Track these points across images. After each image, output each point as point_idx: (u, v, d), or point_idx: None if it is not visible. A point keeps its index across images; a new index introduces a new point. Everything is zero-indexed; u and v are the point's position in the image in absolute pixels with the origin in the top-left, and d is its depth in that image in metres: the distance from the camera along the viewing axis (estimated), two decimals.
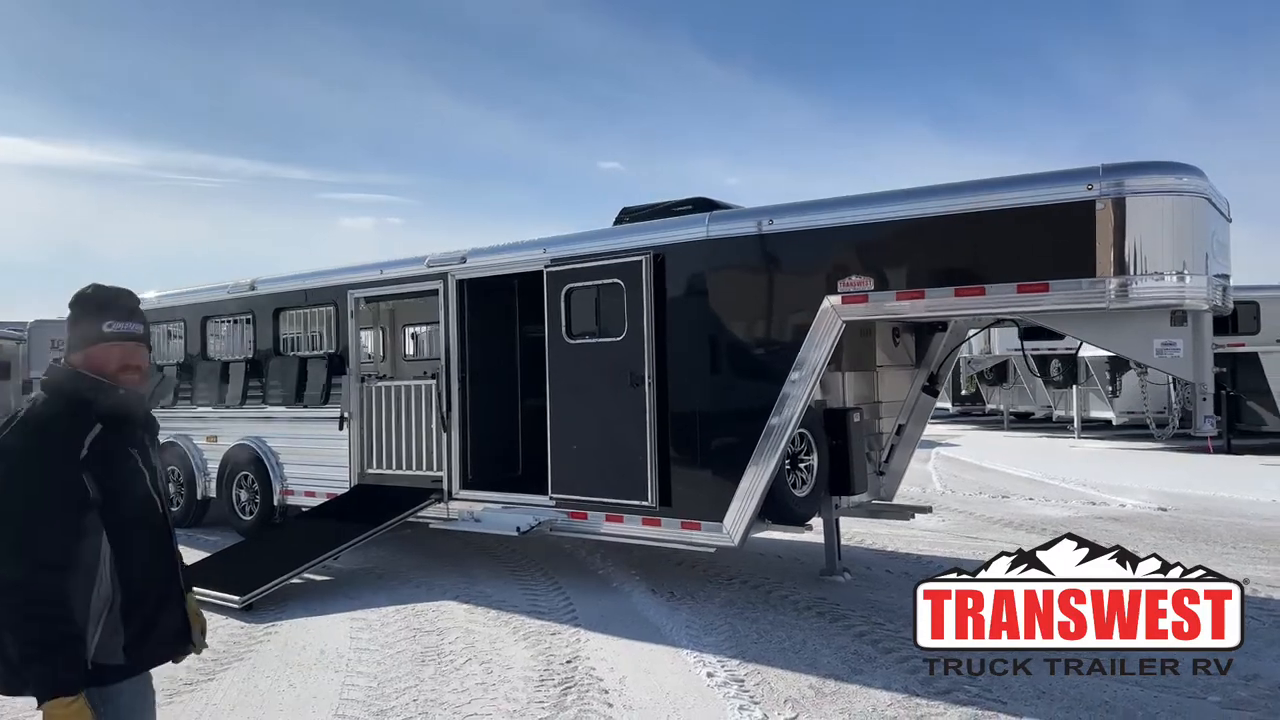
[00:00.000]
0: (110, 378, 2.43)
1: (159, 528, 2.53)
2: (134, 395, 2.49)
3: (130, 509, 2.42)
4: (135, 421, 2.51)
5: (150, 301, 11.29)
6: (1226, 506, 10.67)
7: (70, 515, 2.29)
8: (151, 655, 2.50)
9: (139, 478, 2.47)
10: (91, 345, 2.44)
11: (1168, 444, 17.58)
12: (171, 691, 5.04)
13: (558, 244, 7.34)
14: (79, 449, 2.31)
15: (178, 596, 2.58)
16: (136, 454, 2.47)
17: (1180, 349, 5.61)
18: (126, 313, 2.50)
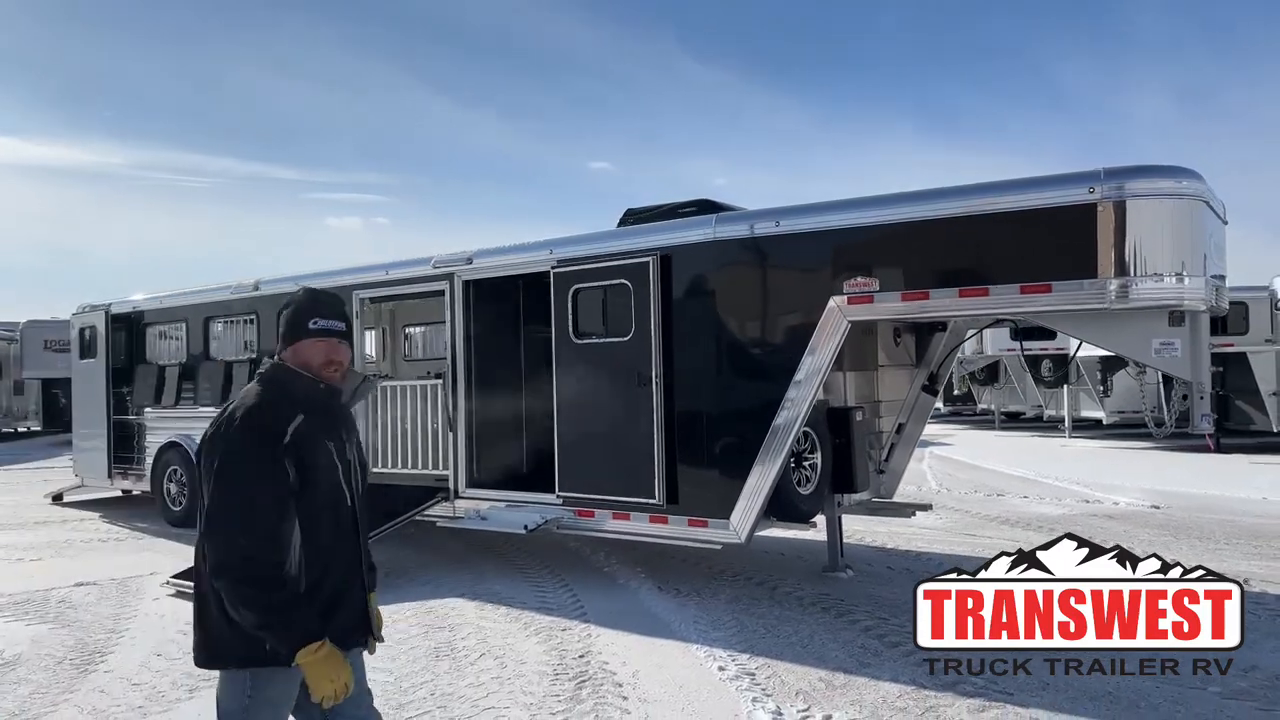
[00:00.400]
0: (314, 372, 2.60)
1: (346, 520, 2.62)
2: (332, 390, 2.63)
3: (321, 497, 2.54)
4: (334, 414, 2.63)
5: (150, 302, 11.35)
6: (1218, 504, 10.84)
7: (279, 496, 2.46)
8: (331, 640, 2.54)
9: (332, 469, 2.57)
10: (299, 341, 2.62)
11: (1158, 443, 17.78)
12: (191, 687, 5.11)
13: (564, 245, 7.43)
14: (282, 435, 2.47)
15: (358, 589, 2.64)
16: (332, 446, 2.58)
17: (1178, 349, 5.73)
18: (331, 312, 2.66)
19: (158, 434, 10.98)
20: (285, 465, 2.46)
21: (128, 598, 7.23)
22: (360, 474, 2.72)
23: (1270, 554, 8.00)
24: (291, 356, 2.63)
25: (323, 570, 2.53)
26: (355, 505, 2.64)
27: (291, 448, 2.47)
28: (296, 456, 2.47)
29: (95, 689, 5.13)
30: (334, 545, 2.57)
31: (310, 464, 2.51)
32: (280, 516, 2.45)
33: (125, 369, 11.53)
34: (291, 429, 2.49)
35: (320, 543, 2.53)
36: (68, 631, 6.28)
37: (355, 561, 2.64)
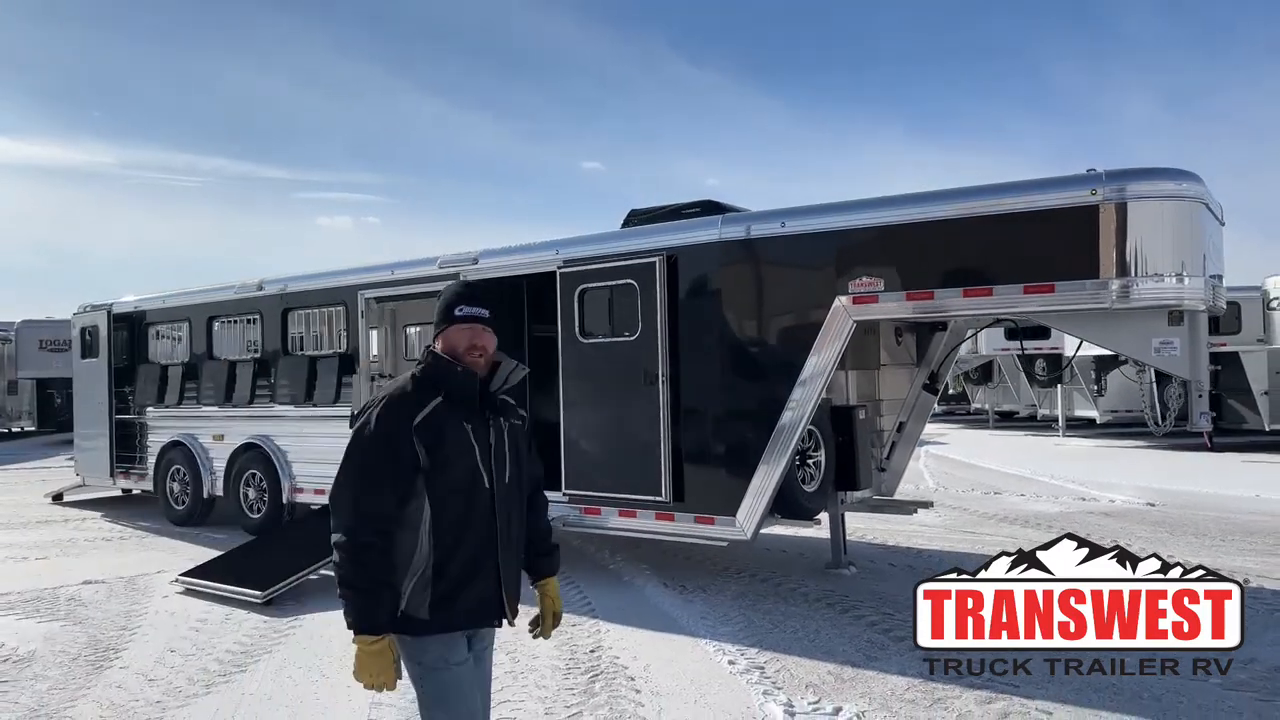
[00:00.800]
0: (459, 357, 2.69)
1: (482, 502, 2.66)
2: (468, 375, 2.68)
3: (453, 479, 2.61)
4: (474, 399, 2.68)
5: (152, 302, 11.38)
6: (1212, 502, 10.97)
7: (400, 477, 2.57)
8: (457, 619, 2.65)
9: (467, 451, 2.63)
10: (447, 328, 2.73)
11: (1152, 442, 17.94)
12: (207, 683, 5.18)
13: (571, 245, 7.50)
14: (412, 418, 2.58)
15: (491, 571, 2.68)
16: (470, 429, 2.64)
17: (1177, 348, 5.84)
18: (477, 300, 2.76)
19: (160, 433, 11.02)
20: (414, 447, 2.56)
21: (137, 595, 7.27)
22: (512, 458, 2.75)
23: (1266, 550, 8.12)
24: (441, 343, 2.73)
25: (450, 550, 2.61)
26: (496, 488, 2.68)
27: (422, 430, 2.57)
28: (428, 439, 2.57)
29: (112, 685, 5.19)
30: (465, 527, 2.63)
31: (441, 446, 2.59)
32: (395, 497, 2.57)
33: (127, 368, 11.56)
34: (424, 412, 2.59)
35: (449, 523, 2.60)
36: (80, 629, 6.33)
37: (490, 544, 2.67)
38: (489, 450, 2.69)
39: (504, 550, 2.71)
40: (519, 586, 2.83)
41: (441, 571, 2.60)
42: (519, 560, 2.84)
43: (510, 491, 2.74)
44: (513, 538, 2.77)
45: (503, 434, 2.74)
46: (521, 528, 2.82)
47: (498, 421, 2.75)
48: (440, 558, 2.60)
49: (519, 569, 2.85)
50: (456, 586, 2.62)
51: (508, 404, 2.82)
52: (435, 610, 2.61)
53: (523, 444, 2.85)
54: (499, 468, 2.71)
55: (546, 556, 2.98)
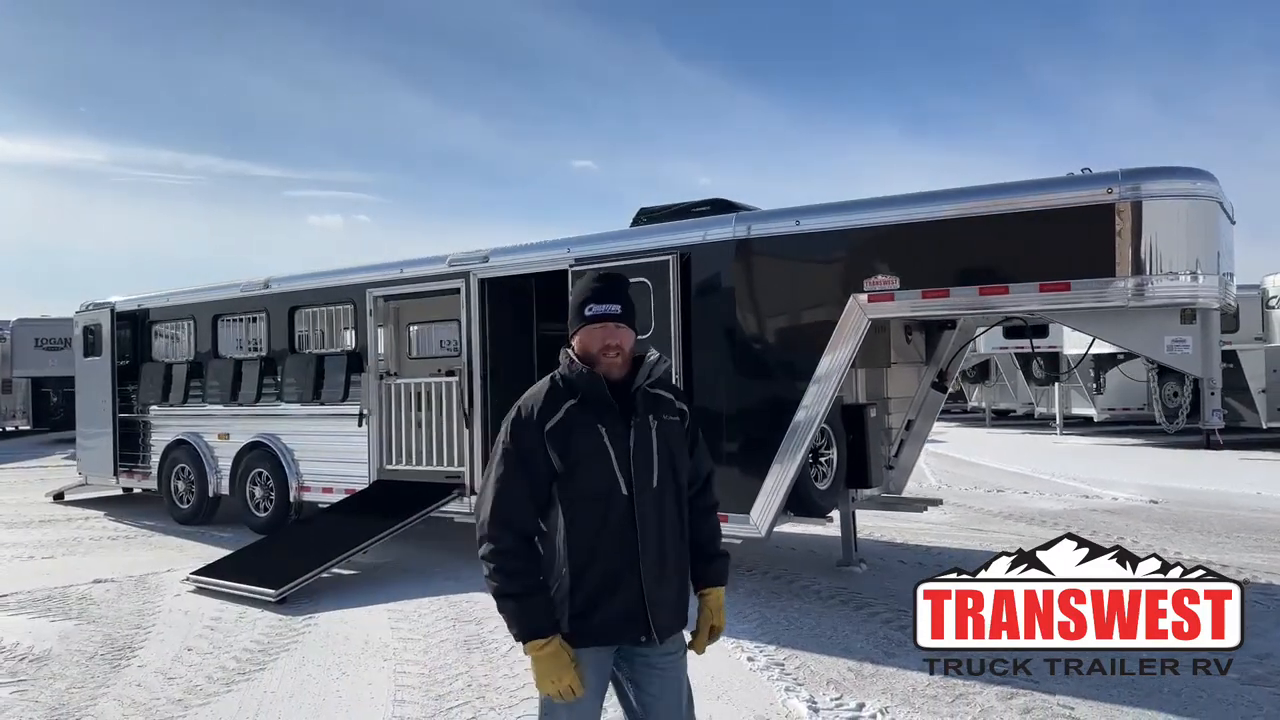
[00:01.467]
0: (594, 360, 2.56)
1: (619, 508, 2.50)
2: (594, 377, 2.53)
3: (585, 486, 2.50)
4: (607, 401, 2.53)
5: (156, 300, 11.35)
6: (1214, 499, 11.03)
7: (536, 486, 2.51)
8: (597, 632, 2.52)
9: (599, 456, 2.50)
10: (579, 329, 2.60)
11: (1150, 440, 18.03)
12: (227, 681, 5.18)
13: (582, 244, 7.51)
14: (543, 424, 2.50)
15: (633, 582, 2.50)
16: (604, 432, 2.50)
17: (1190, 346, 5.87)
18: (606, 295, 2.59)
19: (164, 432, 11.00)
20: (547, 453, 2.49)
21: (148, 594, 7.26)
22: (664, 460, 2.55)
23: (1272, 547, 8.18)
24: (576, 344, 2.61)
25: (588, 558, 2.49)
26: (637, 495, 2.50)
27: (553, 436, 2.49)
28: (560, 445, 2.49)
29: (131, 683, 5.18)
30: (601, 533, 2.49)
31: (574, 452, 2.49)
32: (533, 505, 2.52)
33: (130, 367, 11.52)
34: (556, 418, 2.51)
35: (584, 532, 2.50)
36: (94, 627, 6.32)
37: (630, 554, 2.49)
38: (627, 454, 2.51)
39: (648, 561, 2.51)
40: (675, 600, 2.60)
41: (579, 583, 2.50)
42: (676, 571, 2.60)
43: (658, 497, 2.54)
44: (665, 547, 2.55)
45: (648, 435, 2.55)
46: (678, 535, 2.60)
47: (643, 421, 2.56)
48: (576, 568, 2.50)
49: (675, 580, 2.60)
50: (594, 599, 2.49)
51: (659, 400, 2.63)
52: (575, 621, 2.50)
53: (678, 442, 2.63)
54: (641, 472, 2.52)
55: (708, 563, 2.72)
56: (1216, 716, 4.43)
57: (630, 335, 2.61)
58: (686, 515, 2.65)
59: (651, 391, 2.62)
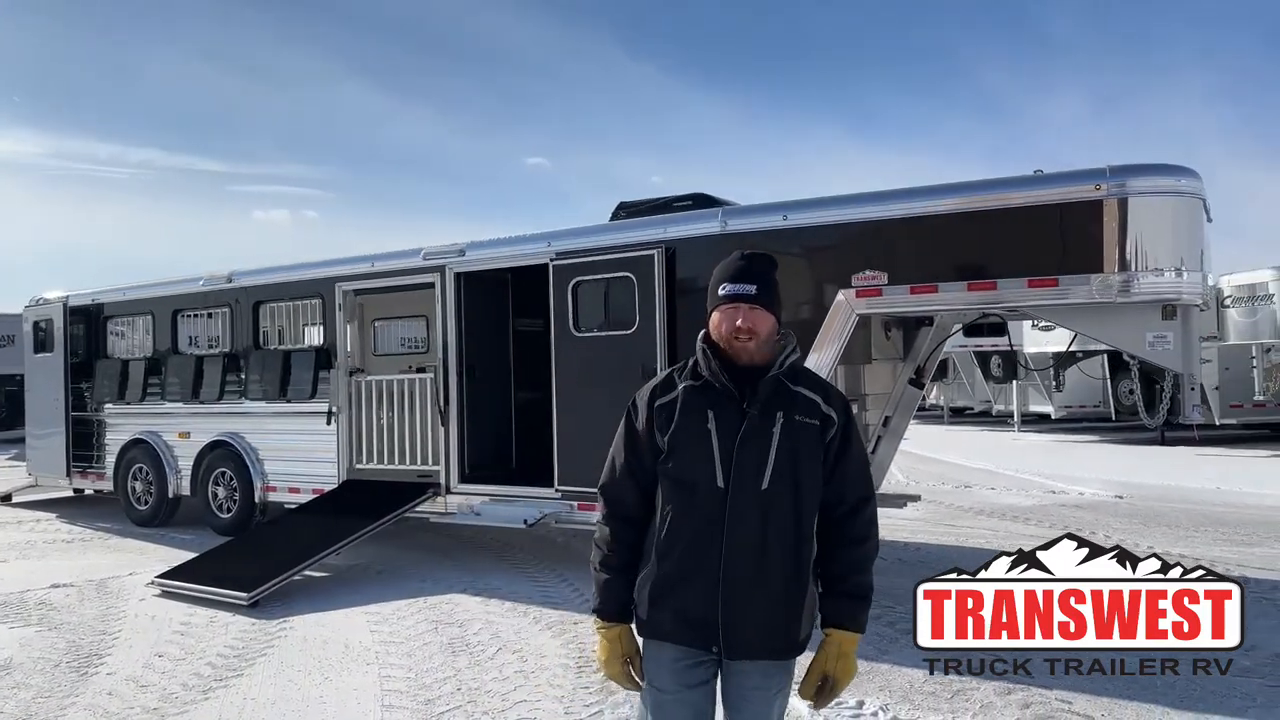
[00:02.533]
0: (725, 343, 2.37)
1: (708, 503, 2.30)
2: (711, 356, 2.37)
3: (679, 468, 2.34)
4: (721, 384, 2.34)
5: (112, 294, 10.98)
6: (1176, 494, 11.24)
7: (640, 463, 2.41)
8: (662, 628, 2.36)
9: (701, 441, 2.31)
10: (712, 309, 2.44)
11: (1105, 436, 18.38)
12: (204, 688, 4.98)
13: (564, 238, 7.39)
14: (651, 405, 2.41)
15: (709, 583, 2.29)
16: (713, 416, 2.32)
17: (1170, 342, 5.92)
18: (743, 274, 2.41)
19: (120, 431, 10.64)
20: (654, 435, 2.38)
21: (110, 599, 6.99)
22: (783, 461, 2.30)
23: (1238, 540, 8.34)
24: (711, 325, 2.44)
25: (670, 546, 2.34)
26: (734, 489, 2.28)
27: (661, 413, 2.38)
28: (665, 423, 2.36)
29: (102, 691, 4.96)
30: (686, 523, 2.32)
31: (676, 432, 2.35)
32: (634, 483, 2.42)
33: (84, 364, 11.13)
34: (668, 396, 2.40)
35: (673, 516, 2.34)
36: (56, 634, 6.05)
37: (710, 551, 2.29)
38: (732, 443, 2.30)
39: (735, 566, 2.28)
40: (766, 622, 2.32)
41: (660, 571, 2.35)
42: (780, 590, 2.32)
43: (765, 501, 2.29)
44: (766, 559, 2.29)
45: (765, 429, 2.31)
46: (789, 551, 2.32)
47: (767, 415, 2.32)
48: (661, 555, 2.35)
49: (775, 600, 2.31)
50: (666, 591, 2.34)
51: (796, 397, 2.37)
52: (651, 608, 2.37)
53: (809, 448, 2.34)
54: (747, 467, 2.29)
55: (834, 600, 2.44)
56: (1213, 708, 4.47)
57: (767, 319, 2.37)
58: (808, 533, 2.36)
59: (789, 386, 2.38)
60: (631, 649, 2.44)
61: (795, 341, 2.45)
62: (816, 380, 2.47)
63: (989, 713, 4.46)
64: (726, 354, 2.37)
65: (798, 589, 2.34)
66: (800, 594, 2.35)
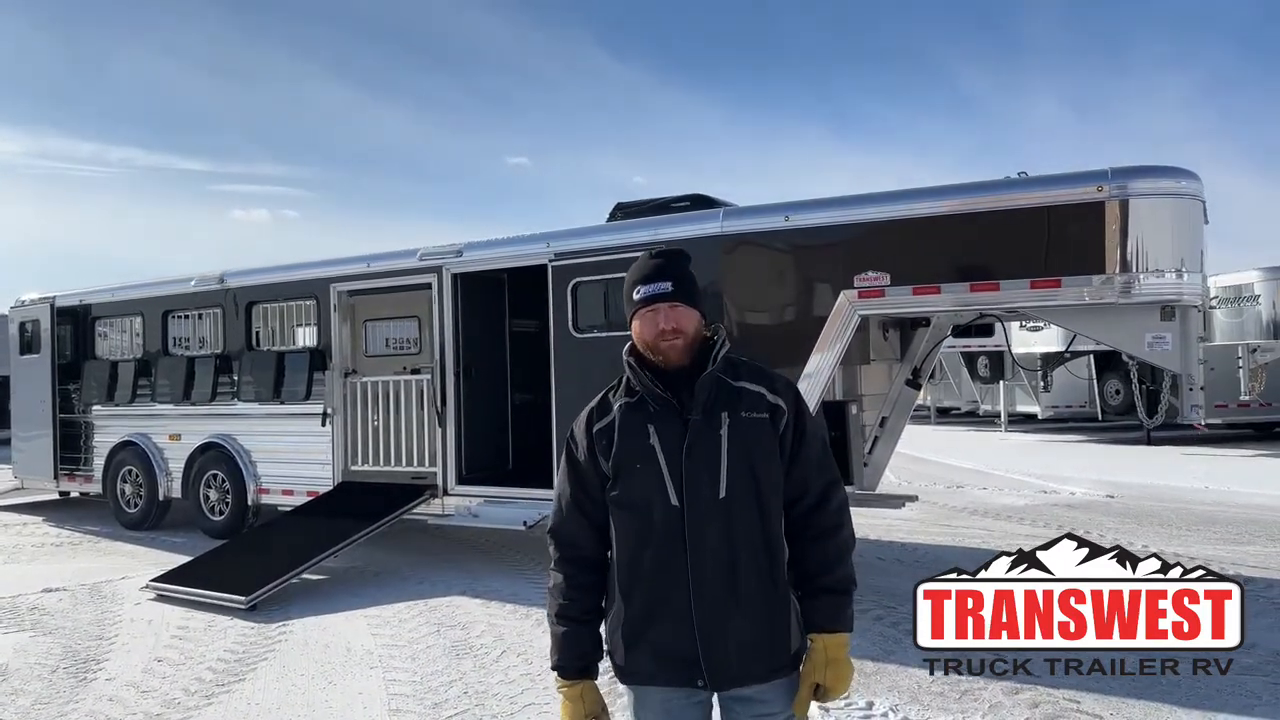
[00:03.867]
0: (652, 348, 2.17)
1: (665, 521, 2.10)
2: (638, 367, 2.18)
3: (627, 492, 2.15)
4: (654, 394, 2.16)
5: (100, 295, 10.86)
6: (1166, 493, 11.32)
7: (587, 495, 2.21)
8: (644, 672, 2.16)
9: (647, 459, 2.12)
10: (631, 317, 2.22)
11: (1091, 436, 18.50)
12: (205, 694, 4.93)
13: (563, 238, 7.36)
14: (590, 427, 2.21)
15: (681, 613, 2.09)
16: (654, 430, 2.13)
17: (1169, 342, 5.96)
18: (655, 273, 2.19)
19: (109, 433, 10.52)
20: (597, 463, 2.18)
21: (105, 603, 6.91)
22: (736, 466, 2.11)
23: (1230, 539, 8.40)
24: (634, 335, 2.22)
25: (631, 579, 2.15)
26: (688, 506, 2.09)
27: (601, 437, 2.18)
28: (606, 447, 2.17)
29: (103, 697, 4.90)
30: (645, 551, 2.12)
31: (620, 455, 2.15)
32: (584, 518, 2.23)
33: (72, 365, 11.00)
34: (605, 419, 2.19)
35: (629, 545, 2.15)
36: (52, 639, 5.98)
37: (678, 578, 2.09)
38: (678, 456, 2.10)
39: (704, 587, 2.09)
40: (749, 641, 2.11)
41: (627, 609, 2.15)
42: (756, 604, 2.12)
43: (724, 511, 2.10)
44: (735, 573, 2.10)
45: (712, 434, 2.11)
46: (760, 559, 2.12)
47: (711, 418, 2.13)
48: (624, 591, 2.16)
49: (753, 616, 2.11)
50: (639, 630, 2.13)
51: (738, 393, 2.17)
52: (627, 652, 2.16)
53: (762, 445, 2.14)
54: (700, 478, 2.10)
55: (813, 599, 2.18)
56: (1219, 706, 4.49)
57: (691, 315, 2.18)
58: (777, 535, 2.17)
59: (729, 382, 2.17)
60: (597, 706, 2.24)
61: (725, 334, 2.26)
62: (758, 370, 2.25)
63: (998, 712, 4.47)
64: (655, 363, 2.18)
65: (778, 600, 2.15)
66: (783, 604, 2.16)
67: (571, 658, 2.21)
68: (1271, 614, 5.99)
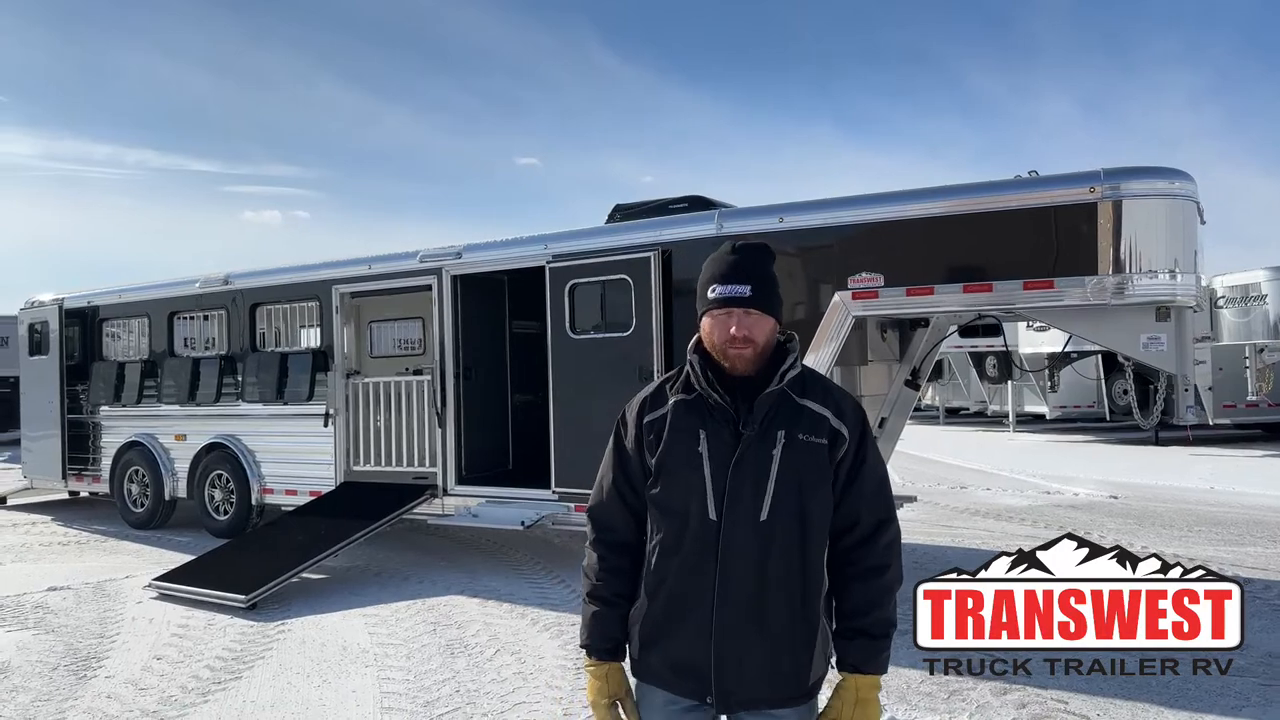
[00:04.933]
0: (719, 353, 2.09)
1: (700, 532, 2.04)
2: (702, 368, 2.10)
3: (666, 495, 2.09)
4: (713, 400, 2.07)
5: (108, 296, 10.96)
6: (1171, 494, 11.28)
7: (629, 484, 2.18)
8: (653, 672, 2.13)
9: (692, 465, 2.05)
10: (702, 314, 2.14)
11: (1099, 437, 18.42)
12: (202, 691, 4.99)
13: (560, 240, 7.40)
14: (638, 423, 2.16)
15: (701, 626, 2.03)
16: (705, 437, 2.06)
17: (1164, 343, 5.97)
18: (735, 272, 2.08)
19: (116, 433, 10.62)
20: (643, 455, 2.13)
21: (108, 601, 6.98)
22: (785, 487, 2.03)
23: (1232, 540, 8.37)
24: (702, 332, 2.14)
25: (658, 581, 2.10)
26: (726, 521, 2.02)
27: (650, 431, 2.13)
28: (654, 443, 2.11)
29: (101, 695, 4.96)
30: (675, 557, 2.07)
31: (665, 454, 2.09)
32: (623, 506, 2.19)
33: (79, 366, 11.10)
34: (658, 412, 2.13)
35: (659, 546, 2.11)
36: (54, 637, 6.05)
37: (705, 588, 2.03)
38: (724, 468, 2.03)
39: (730, 607, 2.02)
40: (767, 668, 2.04)
41: (650, 607, 2.12)
42: (782, 633, 2.04)
43: (765, 533, 2.02)
44: (765, 597, 2.02)
45: (764, 452, 2.03)
46: (794, 588, 2.04)
47: (766, 436, 2.04)
48: (650, 589, 2.12)
49: (776, 644, 2.04)
50: (657, 632, 2.10)
51: (800, 412, 2.08)
52: (641, 649, 2.13)
53: (816, 471, 2.05)
54: (743, 496, 2.02)
55: (848, 640, 2.11)
56: (1206, 708, 4.50)
57: (766, 324, 2.07)
58: (817, 566, 2.08)
59: (793, 399, 2.08)
60: (621, 689, 2.20)
61: (799, 346, 2.17)
62: (826, 390, 2.14)
63: (985, 713, 4.48)
64: (720, 364, 2.10)
65: (805, 629, 2.05)
66: (809, 634, 2.06)
67: (600, 639, 2.18)
68: (1268, 616, 5.99)
